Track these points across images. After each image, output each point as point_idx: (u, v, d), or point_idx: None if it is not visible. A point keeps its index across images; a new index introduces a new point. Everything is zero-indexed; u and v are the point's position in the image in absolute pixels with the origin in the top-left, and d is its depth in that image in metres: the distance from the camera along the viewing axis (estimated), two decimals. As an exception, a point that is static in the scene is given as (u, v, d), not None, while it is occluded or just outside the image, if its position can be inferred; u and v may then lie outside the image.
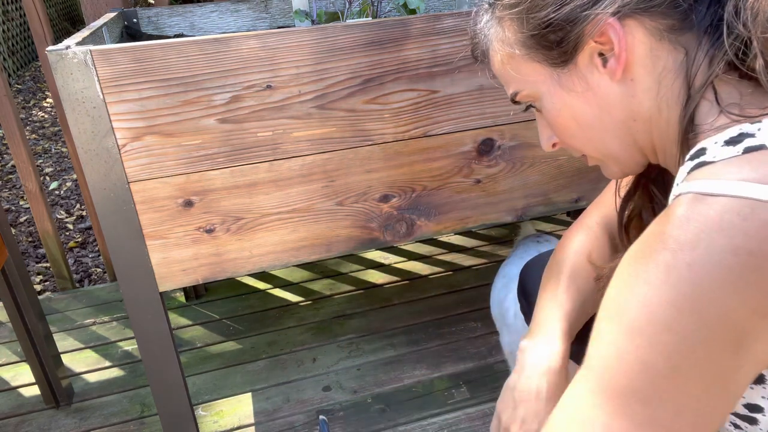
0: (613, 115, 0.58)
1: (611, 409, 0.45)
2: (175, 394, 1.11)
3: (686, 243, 0.43)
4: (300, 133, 1.01)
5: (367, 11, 1.42)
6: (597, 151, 0.63)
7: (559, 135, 0.65)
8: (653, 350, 0.43)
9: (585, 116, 0.60)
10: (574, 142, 0.64)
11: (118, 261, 0.99)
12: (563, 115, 0.61)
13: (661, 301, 0.43)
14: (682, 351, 0.43)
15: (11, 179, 3.32)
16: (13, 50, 5.58)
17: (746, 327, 0.42)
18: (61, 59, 0.86)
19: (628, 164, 0.63)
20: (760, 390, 0.51)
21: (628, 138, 0.60)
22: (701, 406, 0.44)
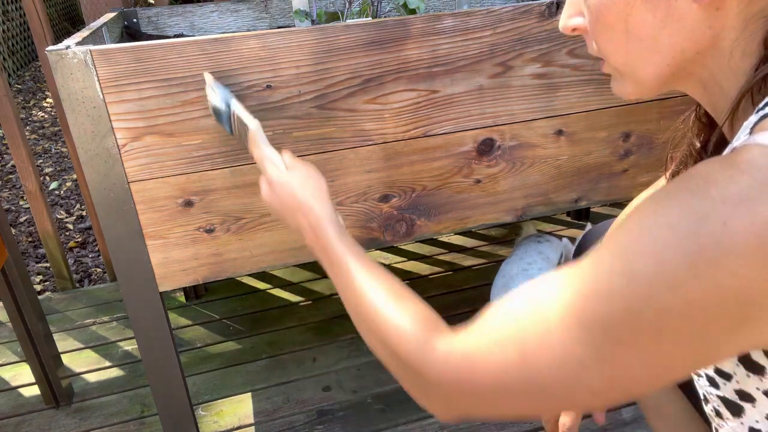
0: (674, 38, 0.49)
1: (580, 335, 0.42)
2: (175, 394, 1.11)
3: (731, 197, 0.37)
4: (300, 133, 1.01)
5: (367, 11, 1.42)
6: (626, 65, 0.53)
7: (595, 30, 0.53)
8: (648, 303, 0.39)
9: (641, 26, 0.49)
10: (605, 45, 0.53)
11: (118, 261, 0.99)
12: (617, 12, 0.50)
13: (677, 257, 0.38)
14: (679, 316, 0.39)
15: (11, 179, 3.32)
16: (13, 50, 5.58)
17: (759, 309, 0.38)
18: (61, 59, 0.86)
19: (648, 89, 0.54)
20: (756, 380, 0.49)
21: (674, 66, 0.51)
22: (669, 366, 0.41)
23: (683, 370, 0.42)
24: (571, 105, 1.14)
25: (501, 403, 0.48)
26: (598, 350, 0.42)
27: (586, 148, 1.18)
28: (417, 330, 0.54)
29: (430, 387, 0.52)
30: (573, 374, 0.43)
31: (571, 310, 0.43)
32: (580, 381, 0.43)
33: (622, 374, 0.42)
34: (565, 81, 1.11)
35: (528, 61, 1.07)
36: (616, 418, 1.36)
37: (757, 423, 0.52)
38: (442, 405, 0.52)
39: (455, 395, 0.50)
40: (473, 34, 1.02)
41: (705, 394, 0.58)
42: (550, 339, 0.44)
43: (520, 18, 1.04)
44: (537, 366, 0.45)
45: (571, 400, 0.45)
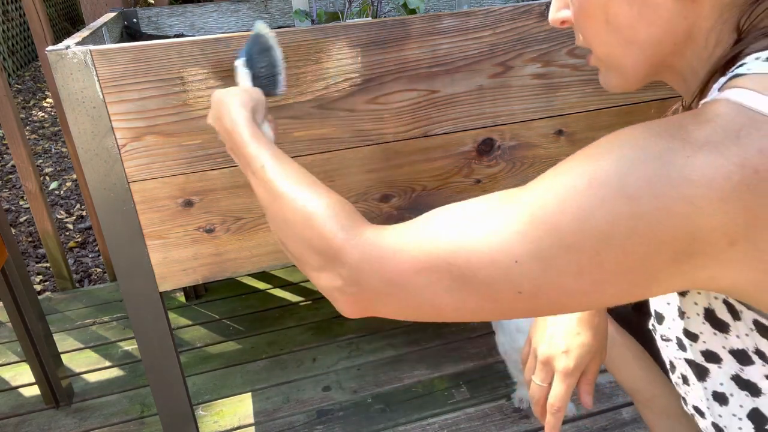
0: (651, 29, 0.50)
1: (524, 230, 0.43)
2: (175, 394, 1.11)
3: (697, 139, 0.40)
4: (300, 133, 1.01)
5: (367, 11, 1.42)
6: (609, 56, 0.55)
7: (579, 21, 0.56)
8: (602, 209, 0.40)
9: (619, 18, 0.51)
10: (589, 36, 0.56)
11: (118, 261, 0.99)
12: (597, 4, 0.52)
13: (641, 172, 0.40)
14: (628, 227, 0.40)
15: (11, 179, 3.32)
16: (13, 50, 5.58)
17: (706, 243, 0.39)
18: (61, 59, 0.86)
19: (631, 80, 0.56)
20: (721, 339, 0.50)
21: (653, 57, 0.53)
22: (603, 280, 0.42)
23: (615, 294, 0.43)
24: (571, 105, 1.14)
25: (423, 293, 0.48)
26: (538, 247, 0.42)
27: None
28: (341, 215, 0.54)
29: (347, 273, 0.51)
30: (504, 267, 0.44)
31: (525, 206, 0.44)
32: (510, 277, 0.44)
33: (553, 280, 0.43)
34: (565, 81, 1.11)
35: (528, 61, 1.07)
36: (616, 418, 1.36)
37: (721, 386, 0.52)
38: (355, 293, 0.51)
39: (373, 281, 0.50)
40: (473, 34, 1.02)
41: (672, 361, 0.59)
42: (495, 227, 0.45)
43: (520, 18, 1.04)
44: (471, 251, 0.45)
45: (493, 297, 0.45)
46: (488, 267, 0.44)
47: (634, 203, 0.40)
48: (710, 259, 0.40)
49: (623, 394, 1.42)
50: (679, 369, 0.58)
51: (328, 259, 0.53)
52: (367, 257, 0.50)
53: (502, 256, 0.44)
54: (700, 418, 0.57)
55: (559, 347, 0.72)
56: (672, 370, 0.60)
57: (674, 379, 0.60)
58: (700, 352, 0.53)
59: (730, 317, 0.48)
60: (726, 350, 0.50)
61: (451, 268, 0.46)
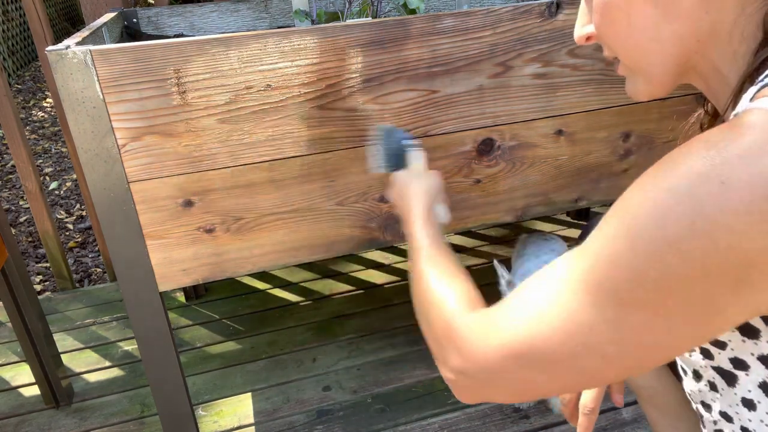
0: (674, 26, 0.50)
1: (587, 300, 0.44)
2: (175, 394, 1.11)
3: (730, 157, 0.38)
4: (300, 133, 1.01)
5: (367, 11, 1.42)
6: (634, 61, 0.55)
7: (602, 28, 0.56)
8: (650, 262, 0.40)
9: (642, 17, 0.51)
10: (614, 42, 0.56)
11: (118, 261, 0.99)
12: (618, 6, 0.52)
13: (677, 215, 0.39)
14: (680, 273, 0.39)
15: (11, 179, 3.32)
16: (13, 50, 5.59)
17: (759, 268, 0.38)
18: (61, 59, 0.86)
19: (658, 85, 0.56)
20: (751, 345, 0.49)
21: (678, 57, 0.52)
22: (673, 327, 0.42)
23: (692, 337, 0.43)
24: (571, 105, 1.14)
25: (517, 377, 0.49)
26: (605, 312, 0.43)
27: (586, 148, 1.18)
28: (456, 304, 0.59)
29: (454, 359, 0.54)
30: (582, 340, 0.44)
31: (580, 277, 0.45)
32: (589, 346, 0.44)
33: (631, 338, 0.43)
34: (565, 81, 1.11)
35: (528, 61, 1.07)
36: (616, 418, 1.36)
37: (749, 392, 0.52)
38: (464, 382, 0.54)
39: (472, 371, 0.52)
40: (473, 34, 1.02)
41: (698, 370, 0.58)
42: (559, 306, 0.46)
43: (520, 18, 1.04)
44: (547, 334, 0.46)
45: (582, 369, 0.46)
46: (567, 342, 0.45)
47: (679, 248, 0.39)
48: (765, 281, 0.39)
49: (624, 394, 1.42)
50: (706, 377, 0.57)
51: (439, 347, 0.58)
52: (461, 350, 0.54)
53: (575, 328, 0.45)
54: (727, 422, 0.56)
55: None
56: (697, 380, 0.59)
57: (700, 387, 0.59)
58: (728, 359, 0.52)
59: (762, 323, 0.47)
60: (755, 357, 0.50)
61: (533, 352, 0.48)
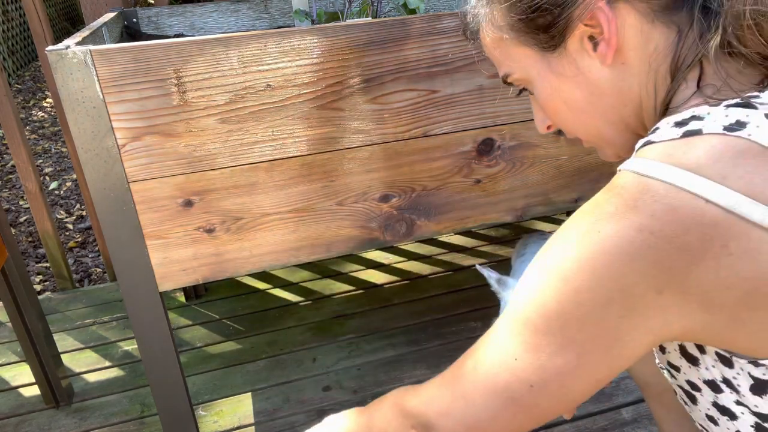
0: (603, 99, 0.58)
1: (511, 331, 0.52)
2: (175, 394, 1.11)
3: (605, 213, 0.47)
4: (300, 133, 1.01)
5: (367, 11, 1.42)
6: (589, 135, 0.63)
7: (552, 118, 0.65)
8: (551, 293, 0.49)
9: (575, 100, 0.59)
10: (566, 126, 0.64)
11: (118, 261, 0.99)
12: (554, 98, 0.61)
13: (569, 256, 0.48)
14: (573, 301, 0.47)
15: (11, 179, 3.32)
16: (13, 50, 5.58)
17: (638, 296, 0.45)
18: (61, 59, 0.86)
19: (623, 147, 0.63)
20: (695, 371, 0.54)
21: (619, 122, 0.60)
22: (583, 350, 0.48)
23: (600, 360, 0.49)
24: (571, 105, 1.14)
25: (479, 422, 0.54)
26: (523, 340, 0.50)
27: (586, 148, 1.18)
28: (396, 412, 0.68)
29: None
30: (510, 369, 0.51)
31: (509, 314, 0.53)
32: (516, 375, 0.51)
33: (550, 366, 0.50)
34: (565, 81, 1.11)
35: (528, 61, 1.07)
36: (616, 418, 1.36)
37: (708, 410, 0.56)
38: None
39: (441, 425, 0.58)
40: (473, 34, 1.02)
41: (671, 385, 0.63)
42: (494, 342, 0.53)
43: (520, 18, 1.03)
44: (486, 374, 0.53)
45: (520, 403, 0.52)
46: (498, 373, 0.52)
47: (571, 281, 0.48)
48: (649, 309, 0.46)
49: (623, 394, 1.42)
50: (678, 393, 0.62)
51: None
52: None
53: (504, 358, 0.52)
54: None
55: None
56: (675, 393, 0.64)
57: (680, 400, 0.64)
58: (685, 381, 0.57)
59: (697, 351, 0.53)
60: (701, 381, 0.54)
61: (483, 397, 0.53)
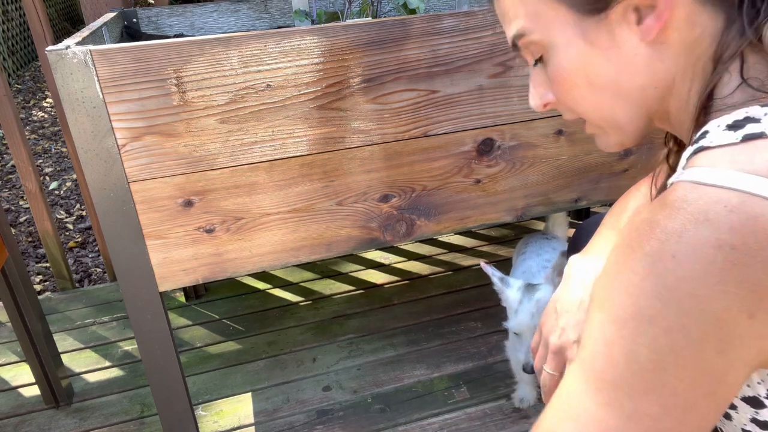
0: (632, 79, 0.53)
1: (600, 400, 0.45)
2: (175, 394, 1.11)
3: (673, 233, 0.42)
4: (300, 133, 1.01)
5: (367, 11, 1.42)
6: (601, 118, 0.58)
7: (562, 94, 0.58)
8: (637, 342, 0.43)
9: (601, 76, 0.54)
10: (577, 104, 0.58)
11: (118, 261, 0.99)
12: (576, 71, 0.55)
13: (645, 292, 0.42)
14: (666, 344, 0.42)
15: (11, 179, 3.32)
16: (13, 50, 5.58)
17: (731, 324, 0.41)
18: (61, 59, 0.86)
19: (631, 135, 0.59)
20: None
21: (640, 106, 0.55)
22: (688, 404, 0.43)
23: (707, 409, 0.43)
24: (571, 105, 1.14)
25: None
26: (620, 407, 0.44)
27: (586, 147, 1.18)
28: None
29: None
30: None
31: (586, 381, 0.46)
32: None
33: (652, 427, 0.43)
34: (565, 81, 1.11)
35: (528, 61, 1.07)
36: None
37: (745, 425, 0.53)
38: None
39: None
40: (473, 34, 1.02)
41: None
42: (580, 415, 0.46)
43: (520, 18, 1.03)
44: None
45: None
46: None
47: (657, 322, 0.42)
48: (744, 338, 0.41)
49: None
50: None
51: None
52: None
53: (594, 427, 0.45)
54: None
55: (571, 337, 0.71)
56: None
57: None
58: None
59: None
60: (739, 398, 0.51)
61: None
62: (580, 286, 0.73)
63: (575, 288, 0.74)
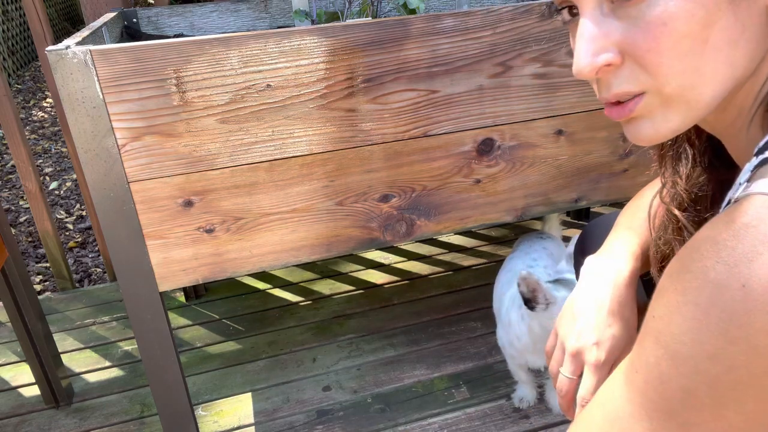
0: (750, 45, 0.44)
1: (650, 426, 0.43)
2: (175, 394, 1.11)
3: (742, 256, 0.36)
4: (300, 133, 1.01)
5: (367, 11, 1.42)
6: (685, 89, 0.45)
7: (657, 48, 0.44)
8: (696, 381, 0.39)
9: (725, 32, 0.43)
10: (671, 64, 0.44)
11: (118, 261, 0.99)
12: (697, 20, 0.42)
13: (709, 327, 0.38)
14: (729, 383, 0.38)
15: (11, 179, 3.32)
16: (13, 50, 5.58)
17: None
18: (61, 59, 0.86)
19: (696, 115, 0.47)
20: None
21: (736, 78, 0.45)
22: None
23: None
24: (571, 105, 1.14)
25: None
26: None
27: (586, 147, 1.18)
28: None
29: None
30: None
31: (636, 406, 0.44)
32: None
33: None
34: (565, 81, 1.11)
35: (528, 61, 1.07)
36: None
37: None
38: None
39: None
40: (473, 34, 1.02)
41: None
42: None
43: (520, 18, 1.04)
44: None
45: None
46: None
47: (721, 359, 0.38)
48: None
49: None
50: None
51: None
52: None
53: None
54: None
55: (590, 339, 0.70)
56: None
57: None
58: None
59: None
60: None
61: None
62: (596, 288, 0.72)
63: (592, 289, 0.72)
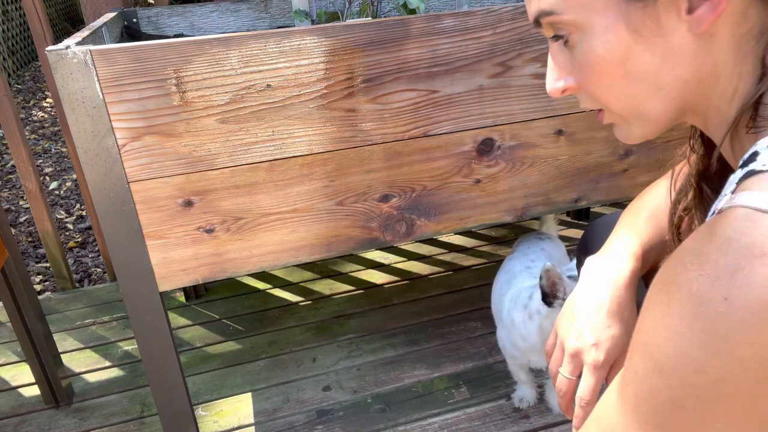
0: (675, 70, 0.49)
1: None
2: (175, 394, 1.11)
3: (724, 269, 0.37)
4: (300, 133, 1.01)
5: (367, 11, 1.42)
6: (629, 109, 0.53)
7: (590, 81, 0.53)
8: (684, 393, 0.40)
9: (641, 66, 0.49)
10: (604, 94, 0.53)
11: (118, 261, 0.99)
12: (612, 59, 0.50)
13: (693, 340, 0.39)
14: (715, 393, 0.39)
15: (11, 179, 3.32)
16: (13, 50, 5.58)
17: None
18: (61, 59, 0.86)
19: (657, 127, 0.54)
20: None
21: (678, 99, 0.51)
22: None
23: None
24: (571, 105, 1.14)
25: None
26: None
27: (586, 147, 1.18)
28: None
29: None
30: None
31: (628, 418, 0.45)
32: None
33: None
34: (565, 81, 1.11)
35: (528, 61, 1.07)
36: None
37: None
38: None
39: None
40: (473, 34, 1.02)
41: None
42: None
43: (520, 18, 1.04)
44: None
45: None
46: None
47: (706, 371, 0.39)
48: None
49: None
50: None
51: None
52: None
53: None
54: None
55: (589, 340, 0.70)
56: None
57: None
58: None
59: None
60: None
61: None
62: (596, 288, 0.72)
63: (592, 289, 0.72)
